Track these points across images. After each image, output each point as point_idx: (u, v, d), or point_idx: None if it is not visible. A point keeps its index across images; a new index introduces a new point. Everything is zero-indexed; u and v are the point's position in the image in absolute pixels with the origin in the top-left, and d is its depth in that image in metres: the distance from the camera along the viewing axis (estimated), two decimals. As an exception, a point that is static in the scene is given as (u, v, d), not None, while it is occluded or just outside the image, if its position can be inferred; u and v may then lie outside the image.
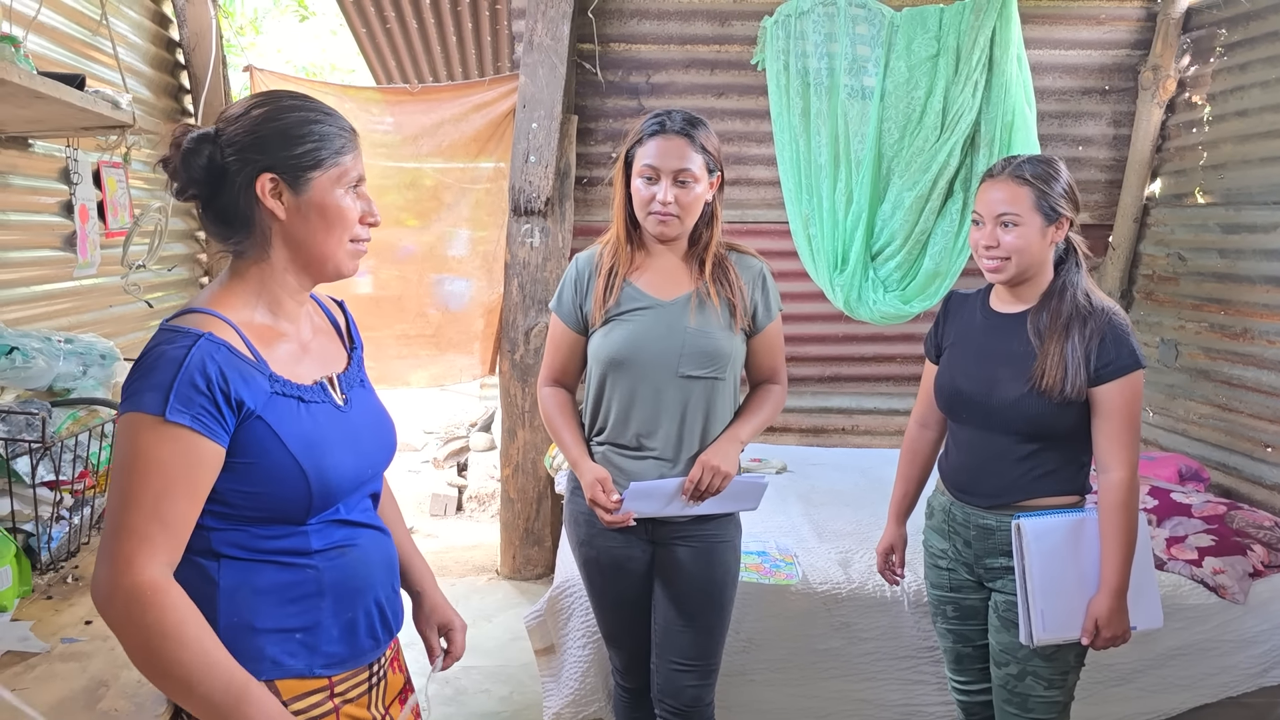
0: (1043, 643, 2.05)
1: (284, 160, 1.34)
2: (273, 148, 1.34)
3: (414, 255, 4.62)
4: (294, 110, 1.37)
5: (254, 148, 1.33)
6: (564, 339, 2.27)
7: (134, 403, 1.22)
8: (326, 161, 1.36)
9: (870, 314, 3.65)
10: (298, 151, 1.34)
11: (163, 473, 1.21)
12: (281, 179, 1.34)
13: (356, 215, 1.41)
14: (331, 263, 1.41)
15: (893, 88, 3.45)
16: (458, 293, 4.68)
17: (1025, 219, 2.06)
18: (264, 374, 1.32)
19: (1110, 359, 2.00)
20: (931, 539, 2.34)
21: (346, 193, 1.39)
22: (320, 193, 1.36)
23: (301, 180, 1.35)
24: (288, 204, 1.35)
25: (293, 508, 1.34)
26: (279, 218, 1.35)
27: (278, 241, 1.38)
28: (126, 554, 1.19)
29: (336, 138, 1.38)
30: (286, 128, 1.35)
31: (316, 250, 1.39)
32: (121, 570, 1.19)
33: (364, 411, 1.51)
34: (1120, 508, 2.01)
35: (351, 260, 1.44)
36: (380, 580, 1.49)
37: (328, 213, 1.37)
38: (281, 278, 1.40)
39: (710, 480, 2.10)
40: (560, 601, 2.80)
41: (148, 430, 1.21)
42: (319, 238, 1.38)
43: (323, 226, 1.38)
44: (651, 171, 2.10)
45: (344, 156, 1.38)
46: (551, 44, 4.01)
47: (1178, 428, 4.18)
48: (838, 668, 2.82)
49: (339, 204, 1.38)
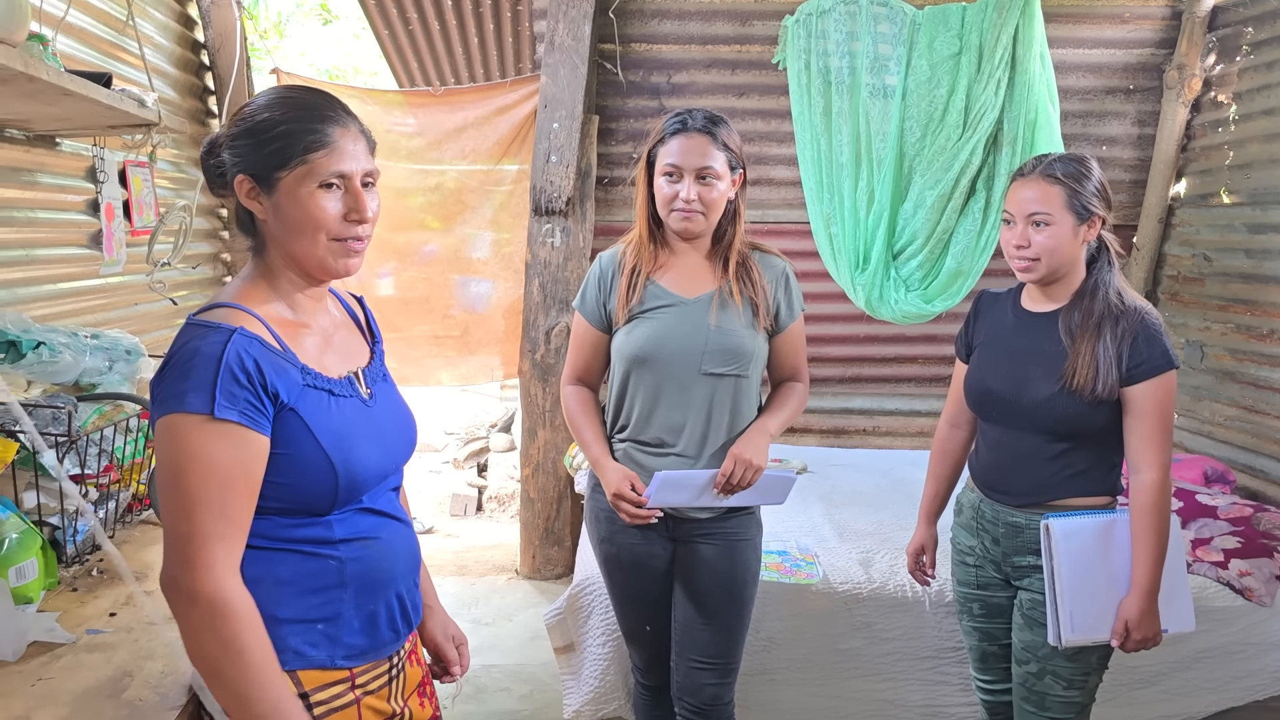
0: (1071, 644, 2.03)
1: (254, 161, 1.33)
2: (246, 149, 1.34)
3: (437, 257, 4.64)
4: (265, 109, 1.36)
5: (235, 149, 1.35)
6: (587, 337, 2.27)
7: (177, 404, 1.22)
8: (292, 160, 1.32)
9: (892, 313, 3.63)
10: (265, 152, 1.33)
11: (223, 471, 1.23)
12: (253, 180, 1.34)
13: (332, 213, 1.35)
14: (314, 261, 1.38)
15: (914, 86, 3.43)
16: (481, 294, 4.70)
17: (1057, 218, 2.04)
18: (295, 366, 1.34)
19: (1143, 359, 1.97)
20: (960, 536, 2.33)
21: (316, 191, 1.34)
22: (286, 193, 1.33)
23: (270, 180, 1.34)
24: (265, 205, 1.35)
25: (318, 499, 1.35)
26: (262, 218, 1.36)
27: (270, 241, 1.39)
28: (206, 559, 1.21)
29: (304, 135, 1.33)
30: (255, 128, 1.34)
31: (295, 250, 1.37)
32: (204, 577, 1.21)
33: (387, 405, 1.52)
34: (1152, 509, 1.99)
35: (338, 259, 1.39)
36: (402, 573, 1.50)
37: (294, 213, 1.34)
38: (285, 275, 1.41)
39: (742, 473, 2.09)
40: (580, 599, 2.80)
41: (198, 430, 1.22)
42: (293, 238, 1.36)
43: (293, 227, 1.35)
44: (674, 170, 2.11)
45: (313, 154, 1.33)
46: (573, 44, 4.01)
47: (1203, 429, 4.14)
48: (859, 668, 2.80)
49: (305, 203, 1.33)
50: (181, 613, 1.23)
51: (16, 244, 2.57)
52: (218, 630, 1.21)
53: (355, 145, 1.38)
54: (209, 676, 1.24)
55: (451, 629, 1.70)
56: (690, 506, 2.17)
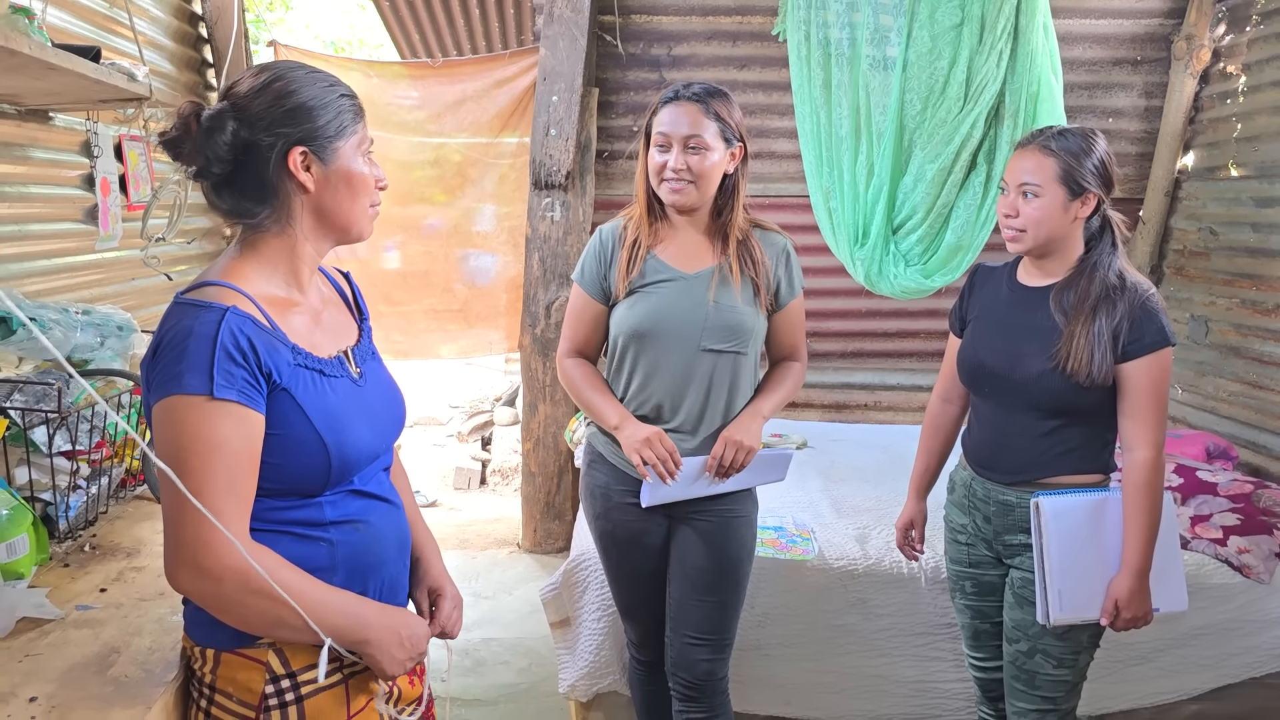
0: (1060, 622, 2.03)
1: (311, 131, 1.35)
2: (301, 120, 1.35)
3: (441, 230, 4.64)
4: (312, 82, 1.38)
5: (283, 121, 1.34)
6: (586, 310, 2.25)
7: (175, 385, 1.22)
8: (349, 129, 1.39)
9: (891, 288, 3.60)
10: (322, 122, 1.36)
11: (226, 450, 1.23)
12: (311, 150, 1.36)
13: (373, 180, 1.45)
14: (355, 228, 1.45)
15: (915, 58, 3.38)
16: (484, 268, 4.70)
17: (1046, 190, 2.01)
18: (286, 345, 1.33)
19: (1138, 335, 1.95)
20: (952, 514, 2.32)
21: (363, 159, 1.43)
22: (345, 160, 1.39)
23: (329, 150, 1.38)
24: (316, 175, 1.37)
25: (310, 480, 1.35)
26: (308, 189, 1.37)
27: (303, 212, 1.39)
28: (222, 536, 1.21)
29: (350, 106, 1.41)
30: (310, 99, 1.36)
31: (343, 218, 1.43)
32: (225, 552, 1.21)
33: (377, 384, 1.52)
34: (1144, 487, 1.98)
35: (369, 223, 1.48)
36: (392, 556, 1.51)
37: (353, 180, 1.41)
38: (301, 248, 1.41)
39: (734, 456, 2.10)
40: (576, 574, 2.80)
41: (199, 411, 1.22)
42: (345, 205, 1.42)
43: (349, 194, 1.41)
44: (664, 139, 2.10)
45: (359, 122, 1.42)
46: (572, 16, 3.97)
47: (1207, 405, 4.12)
48: (853, 643, 2.80)
49: (361, 170, 1.42)
50: (210, 593, 1.24)
51: (9, 219, 2.56)
52: (257, 590, 1.23)
53: None
54: (278, 629, 1.29)
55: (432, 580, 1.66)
56: (689, 498, 2.17)
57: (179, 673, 1.47)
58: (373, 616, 1.37)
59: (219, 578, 1.22)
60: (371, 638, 1.35)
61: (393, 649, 1.38)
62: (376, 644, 1.36)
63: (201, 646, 1.38)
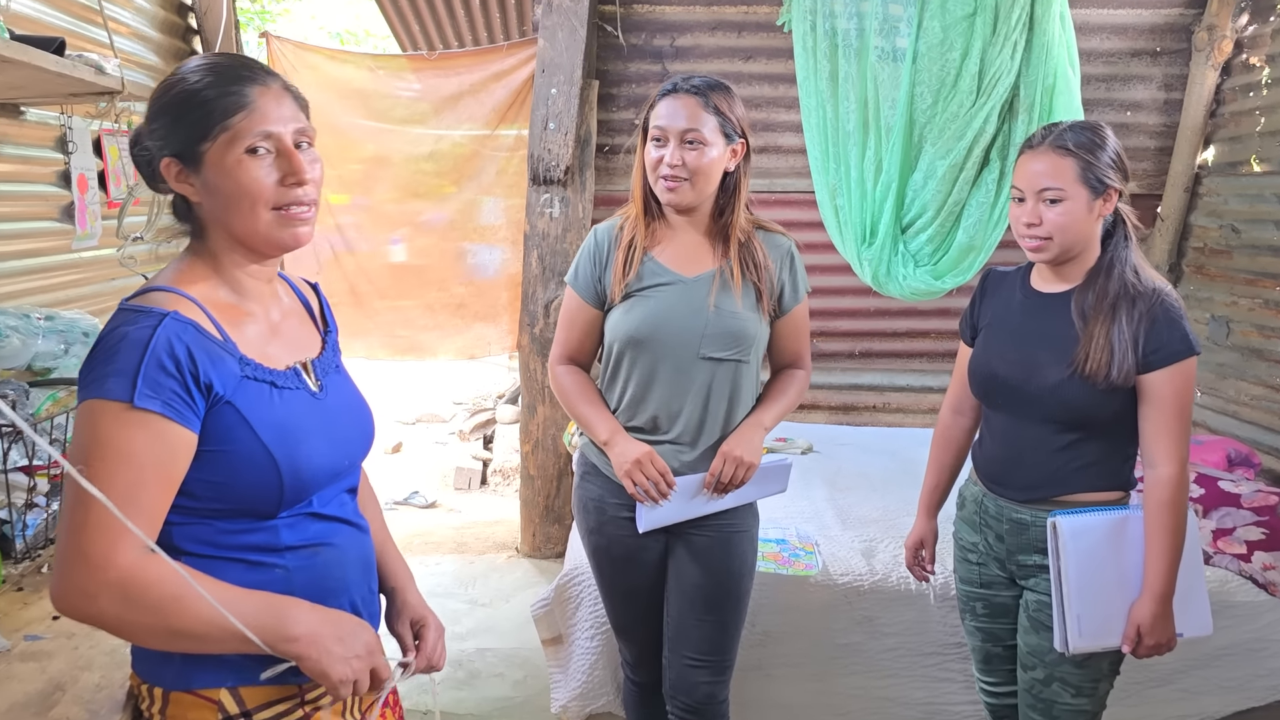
0: (1079, 650, 1.92)
1: (175, 140, 1.24)
2: (165, 130, 1.25)
3: (445, 224, 4.58)
4: (175, 84, 1.26)
5: (155, 134, 1.26)
6: (580, 314, 2.16)
7: (97, 389, 1.14)
8: (213, 129, 1.22)
9: (900, 290, 3.48)
10: (184, 126, 1.24)
11: (134, 463, 1.14)
12: (179, 160, 1.24)
13: (268, 179, 1.25)
14: (258, 237, 1.28)
15: (926, 49, 3.25)
16: (487, 263, 4.64)
17: (1070, 193, 1.90)
18: (233, 356, 1.24)
19: (1161, 344, 1.84)
20: (962, 531, 2.21)
21: (244, 158, 1.23)
22: (213, 166, 1.23)
23: (194, 156, 1.24)
24: (196, 185, 1.25)
25: (262, 500, 1.25)
26: (195, 200, 1.27)
27: (208, 223, 1.29)
28: (103, 550, 1.11)
29: (220, 99, 1.23)
30: (170, 105, 1.25)
31: (236, 227, 1.27)
32: (101, 566, 1.11)
33: (340, 399, 1.42)
34: (1167, 506, 1.87)
35: (282, 230, 1.28)
36: (355, 581, 1.40)
37: (225, 186, 1.24)
38: (229, 258, 1.31)
39: (734, 472, 2.02)
40: (568, 590, 2.69)
41: (114, 418, 1.13)
42: (230, 215, 1.26)
43: (228, 202, 1.25)
44: (660, 134, 2.01)
45: (232, 118, 1.23)
46: (571, 5, 3.86)
47: (1228, 409, 3.99)
48: (859, 663, 2.70)
49: (235, 173, 1.23)
50: (95, 615, 1.13)
51: (-23, 219, 2.46)
52: (140, 599, 1.13)
53: (280, 103, 1.28)
54: (176, 642, 1.17)
55: (413, 613, 1.54)
56: (688, 519, 2.09)
57: (125, 714, 1.36)
58: (298, 611, 1.22)
59: (94, 595, 1.12)
60: (299, 633, 1.20)
61: (331, 645, 1.23)
62: (308, 640, 1.21)
63: (149, 684, 1.28)
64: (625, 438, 2.06)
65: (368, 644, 1.29)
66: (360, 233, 4.55)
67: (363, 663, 1.27)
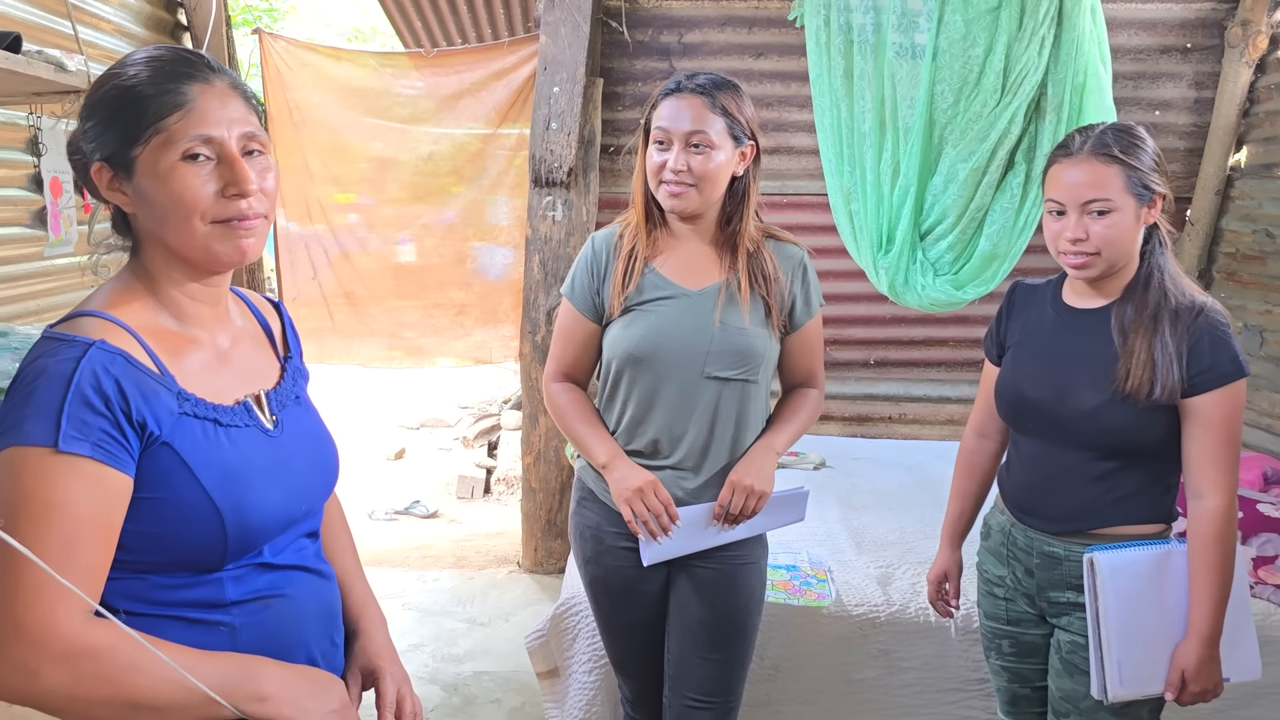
0: (1119, 699, 1.77)
1: (107, 143, 1.11)
2: (95, 132, 1.12)
3: (447, 225, 4.50)
4: (107, 81, 1.14)
5: (86, 136, 1.13)
6: (576, 329, 2.03)
7: (15, 434, 1.01)
8: (145, 132, 1.10)
9: (918, 300, 3.33)
10: (115, 128, 1.11)
11: (66, 516, 1.01)
12: (109, 166, 1.12)
13: (208, 190, 1.12)
14: (196, 252, 1.14)
15: (947, 45, 3.09)
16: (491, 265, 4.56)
17: (1118, 203, 1.75)
18: (170, 390, 1.10)
19: (1208, 364, 1.70)
20: (987, 563, 2.06)
21: (179, 165, 1.10)
22: (145, 172, 1.11)
23: (125, 162, 1.11)
24: (129, 193, 1.12)
25: (204, 553, 1.12)
26: (130, 211, 1.14)
27: (143, 237, 1.16)
28: (42, 620, 0.99)
29: (156, 98, 1.10)
30: (101, 104, 1.13)
31: (172, 241, 1.14)
32: (42, 639, 0.99)
33: (298, 436, 1.27)
34: (1216, 541, 1.72)
35: (225, 244, 1.14)
36: (314, 634, 1.26)
37: (159, 195, 1.11)
38: (168, 275, 1.17)
39: (743, 501, 1.89)
40: (565, 620, 2.55)
41: (39, 466, 1.00)
42: (165, 226, 1.13)
43: (162, 212, 1.12)
44: (664, 136, 1.88)
45: (167, 119, 1.10)
46: (574, 1, 3.71)
47: (1262, 423, 3.84)
48: (875, 700, 2.55)
49: (169, 181, 1.10)
50: (39, 695, 1.00)
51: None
52: (92, 673, 1.01)
53: (224, 104, 1.14)
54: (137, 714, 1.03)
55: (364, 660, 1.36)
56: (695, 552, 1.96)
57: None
58: (267, 669, 1.12)
59: (34, 671, 0.99)
60: (269, 692, 1.10)
61: (306, 701, 1.13)
62: (278, 699, 1.10)
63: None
64: (626, 462, 1.93)
65: (341, 698, 1.19)
66: (368, 233, 4.50)
67: (339, 717, 1.16)
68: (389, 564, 4.44)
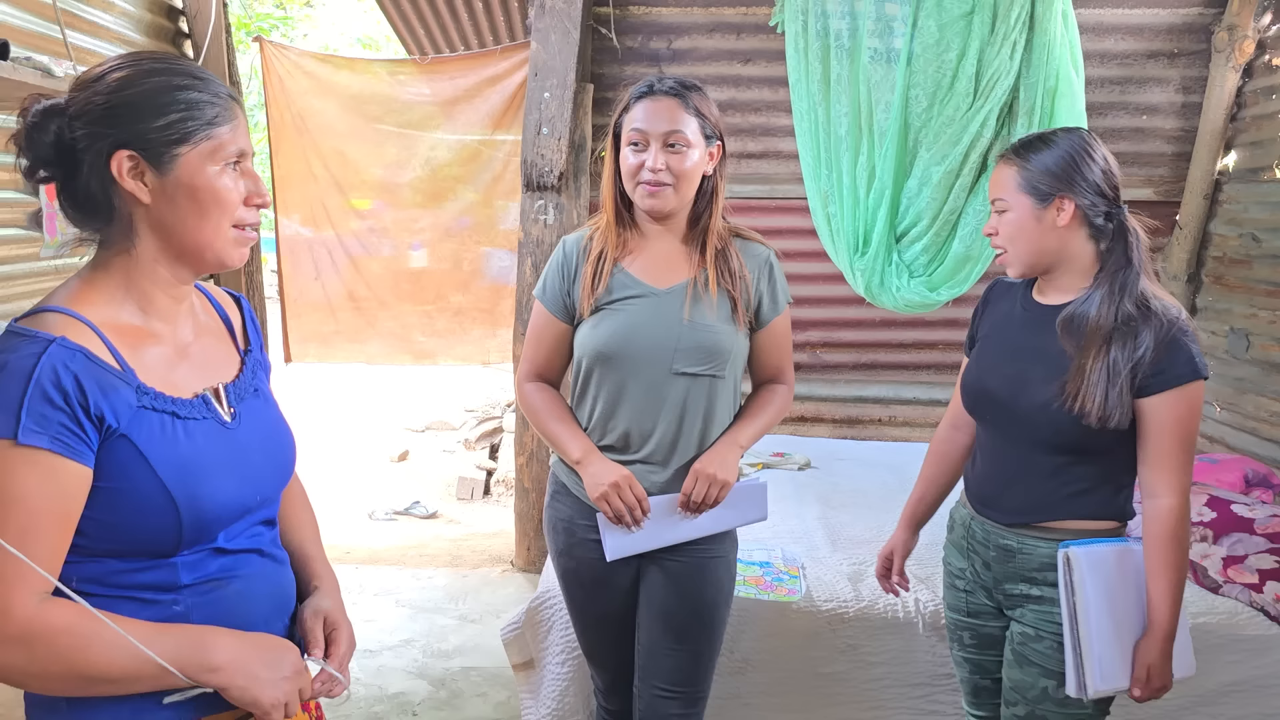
0: (1099, 695, 1.77)
1: (143, 134, 1.14)
2: (129, 119, 1.14)
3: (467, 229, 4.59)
4: (156, 74, 1.17)
5: (106, 120, 1.14)
6: (548, 329, 2.08)
7: None
8: (196, 134, 1.17)
9: (893, 301, 3.35)
10: (160, 123, 1.15)
11: (25, 506, 1.06)
12: (142, 156, 1.14)
13: (237, 196, 1.22)
14: (210, 253, 1.22)
15: (921, 50, 3.12)
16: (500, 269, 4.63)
17: (1011, 202, 1.84)
18: (130, 385, 1.15)
19: (1164, 367, 1.71)
20: (951, 556, 2.09)
21: (223, 170, 1.20)
22: (190, 172, 1.17)
23: (166, 157, 1.16)
24: (151, 185, 1.16)
25: (159, 541, 1.17)
26: (142, 202, 1.16)
27: (143, 229, 1.19)
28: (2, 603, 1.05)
29: (208, 106, 1.18)
30: (146, 95, 1.15)
31: (190, 239, 1.20)
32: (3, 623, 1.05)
33: (256, 428, 1.32)
34: (1171, 540, 1.74)
35: (235, 248, 1.25)
36: (265, 616, 1.31)
37: (200, 195, 1.18)
38: (151, 270, 1.21)
39: (705, 490, 1.93)
40: (540, 613, 2.59)
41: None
42: (191, 224, 1.19)
43: (195, 211, 1.18)
44: (639, 137, 1.93)
45: (218, 128, 1.19)
46: (564, 7, 3.76)
47: (1247, 425, 3.83)
48: (843, 694, 2.57)
49: (213, 184, 1.19)
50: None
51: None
52: (46, 650, 1.07)
53: (244, 126, 1.27)
54: (92, 687, 1.11)
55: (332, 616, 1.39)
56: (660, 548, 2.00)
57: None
58: (219, 639, 1.17)
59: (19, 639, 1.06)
60: (221, 662, 1.15)
61: (258, 669, 1.18)
62: (231, 668, 1.16)
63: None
64: (599, 458, 1.98)
65: (294, 664, 1.24)
66: (380, 239, 4.57)
67: (291, 684, 1.21)
68: (385, 562, 4.50)
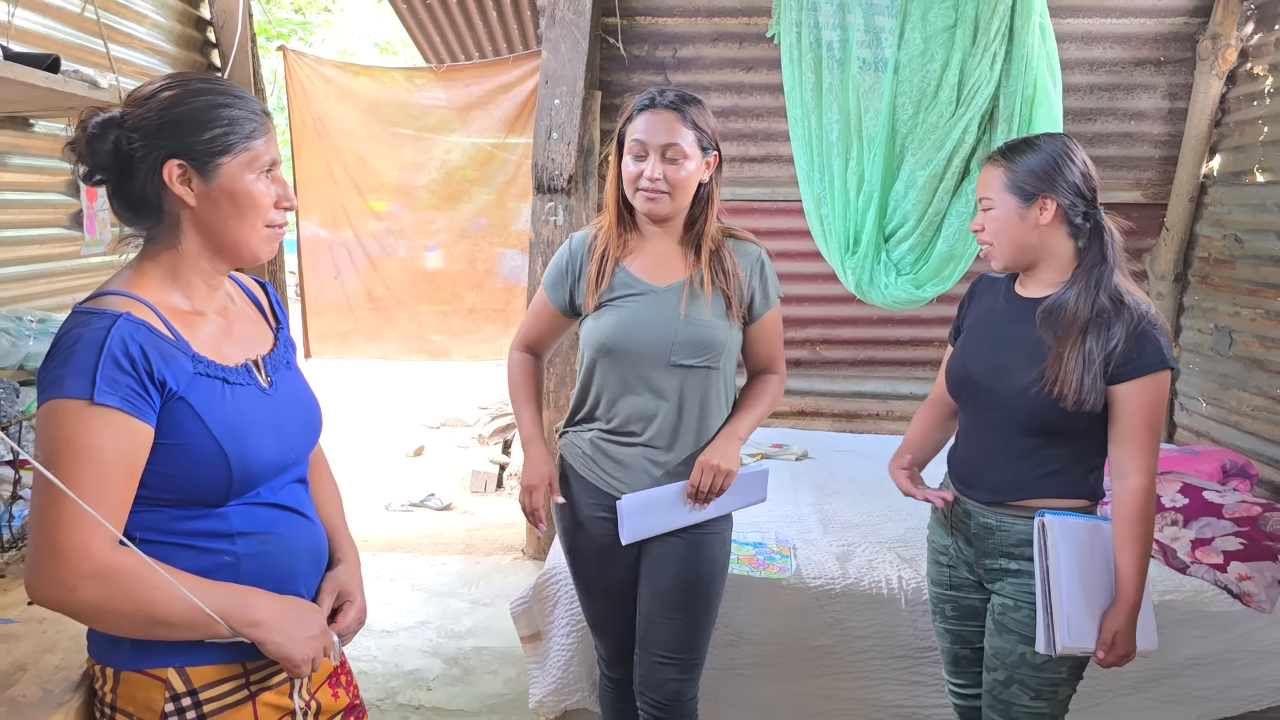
0: (1067, 651, 1.91)
1: (191, 146, 1.32)
2: (179, 133, 1.32)
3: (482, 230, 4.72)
4: (202, 94, 1.35)
5: (160, 133, 1.32)
6: (544, 312, 2.27)
7: (57, 389, 1.21)
8: (236, 147, 1.34)
9: (881, 298, 3.50)
10: (206, 137, 1.32)
11: (99, 458, 1.21)
12: (190, 165, 1.32)
13: (270, 200, 1.39)
14: (246, 249, 1.40)
15: (907, 60, 3.27)
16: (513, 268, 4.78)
17: (996, 201, 1.97)
18: (186, 354, 1.32)
19: (1133, 356, 1.85)
20: (935, 533, 2.24)
21: (258, 178, 1.37)
22: (230, 179, 1.34)
23: (210, 166, 1.33)
24: (197, 190, 1.34)
25: (211, 491, 1.33)
26: (189, 204, 1.34)
27: (189, 228, 1.36)
28: (79, 544, 1.19)
29: (247, 122, 1.36)
30: (194, 112, 1.33)
31: (229, 237, 1.38)
32: (79, 560, 1.19)
33: (289, 394, 1.50)
34: (1138, 516, 1.88)
35: (267, 245, 1.42)
36: (305, 570, 1.48)
37: (238, 199, 1.36)
38: (194, 263, 1.39)
39: (711, 480, 2.08)
40: (547, 588, 2.75)
41: (76, 416, 1.20)
42: (230, 224, 1.37)
43: (234, 213, 1.36)
44: (640, 148, 2.06)
45: (254, 141, 1.36)
46: (574, 18, 3.93)
47: (1230, 419, 3.96)
48: (830, 665, 2.72)
49: (250, 190, 1.36)
50: (74, 606, 1.22)
51: (-15, 226, 2.59)
52: (119, 590, 1.22)
53: (275, 136, 1.45)
54: (152, 629, 1.26)
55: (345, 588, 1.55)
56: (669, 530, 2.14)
57: (79, 694, 1.45)
58: (260, 599, 1.34)
59: (72, 586, 1.20)
60: (262, 619, 1.32)
61: (291, 628, 1.34)
62: (269, 625, 1.32)
63: (102, 665, 1.36)
64: (539, 451, 2.19)
65: (321, 625, 1.41)
66: (397, 240, 4.70)
67: (318, 642, 1.38)
68: (402, 550, 4.67)
